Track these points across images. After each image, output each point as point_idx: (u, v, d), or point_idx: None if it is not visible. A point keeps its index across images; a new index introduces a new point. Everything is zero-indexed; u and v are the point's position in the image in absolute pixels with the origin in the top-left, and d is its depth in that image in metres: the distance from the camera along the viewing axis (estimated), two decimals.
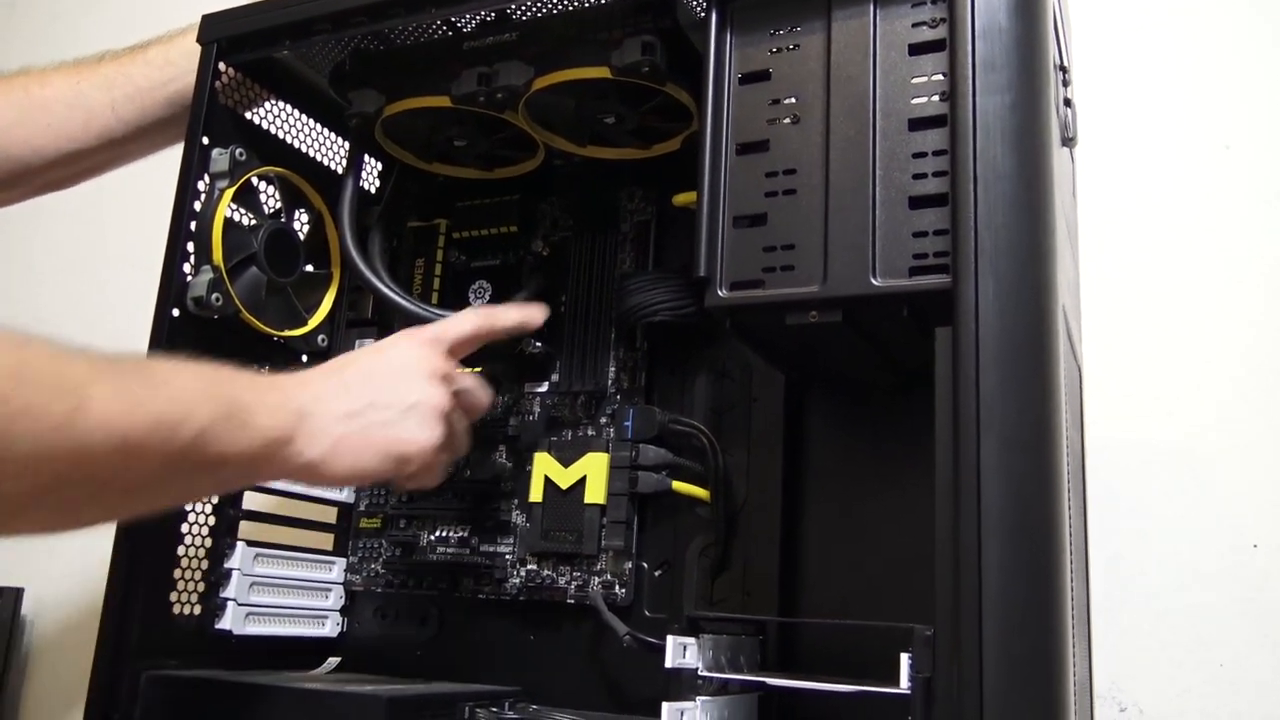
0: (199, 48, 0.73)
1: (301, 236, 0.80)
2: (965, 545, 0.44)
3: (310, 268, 0.80)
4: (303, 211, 0.81)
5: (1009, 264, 0.47)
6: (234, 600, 0.71)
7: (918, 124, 0.51)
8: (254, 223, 0.75)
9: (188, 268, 0.70)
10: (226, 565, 0.72)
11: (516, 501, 0.76)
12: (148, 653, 0.66)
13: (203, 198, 0.71)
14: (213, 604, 0.71)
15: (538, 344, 0.76)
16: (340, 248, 0.79)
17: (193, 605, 0.69)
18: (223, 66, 0.73)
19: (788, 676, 0.57)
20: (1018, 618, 0.43)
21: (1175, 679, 0.77)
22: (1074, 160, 0.70)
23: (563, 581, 0.73)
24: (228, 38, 0.73)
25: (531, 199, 0.82)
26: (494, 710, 0.64)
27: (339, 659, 0.80)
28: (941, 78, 0.51)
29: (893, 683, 0.47)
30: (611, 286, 0.77)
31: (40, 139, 0.77)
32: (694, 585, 0.69)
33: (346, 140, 0.83)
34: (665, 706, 0.53)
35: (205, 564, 0.71)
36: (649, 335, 0.75)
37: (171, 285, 0.69)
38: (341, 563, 0.81)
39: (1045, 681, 0.44)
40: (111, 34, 0.87)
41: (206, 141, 0.72)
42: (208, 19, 0.74)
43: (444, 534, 0.79)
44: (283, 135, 0.79)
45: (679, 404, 0.74)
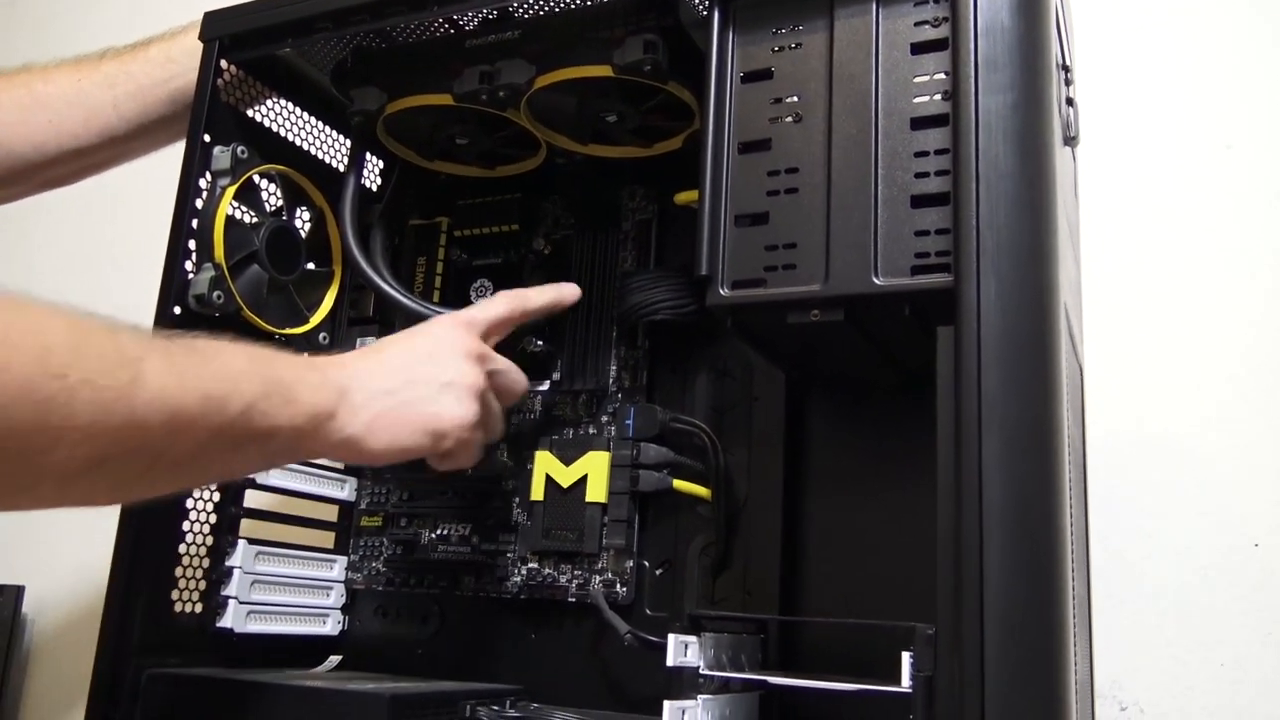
0: (201, 45, 0.73)
1: (303, 234, 0.80)
2: (967, 544, 0.44)
3: (312, 266, 0.80)
4: (304, 209, 0.81)
5: (1011, 263, 0.47)
6: (235, 598, 0.71)
7: (920, 123, 0.51)
8: (255, 220, 0.75)
9: (189, 265, 0.70)
10: (228, 563, 0.72)
11: (518, 500, 0.77)
12: (149, 650, 0.66)
13: (204, 195, 0.71)
14: (214, 602, 0.71)
15: (539, 342, 0.76)
16: (342, 246, 0.79)
17: (194, 603, 0.69)
18: (224, 64, 0.73)
19: (789, 675, 0.57)
20: (1019, 616, 0.43)
21: (1176, 678, 0.77)
22: (1076, 159, 0.70)
23: (564, 580, 0.73)
24: (230, 35, 0.73)
25: (533, 197, 0.82)
26: (495, 709, 0.64)
27: (340, 657, 0.80)
28: (944, 77, 0.51)
29: (894, 681, 0.47)
30: (613, 285, 0.77)
31: (42, 136, 0.77)
32: (695, 584, 0.69)
33: (348, 138, 0.83)
34: (667, 705, 0.53)
35: (206, 562, 0.71)
36: (650, 334, 0.75)
37: (173, 283, 0.69)
38: (343, 561, 0.81)
39: (1046, 680, 0.44)
40: (113, 31, 0.87)
41: (208, 139, 0.72)
42: (209, 16, 0.74)
43: (445, 532, 0.79)
44: (284, 133, 0.79)
45: (680, 402, 0.74)
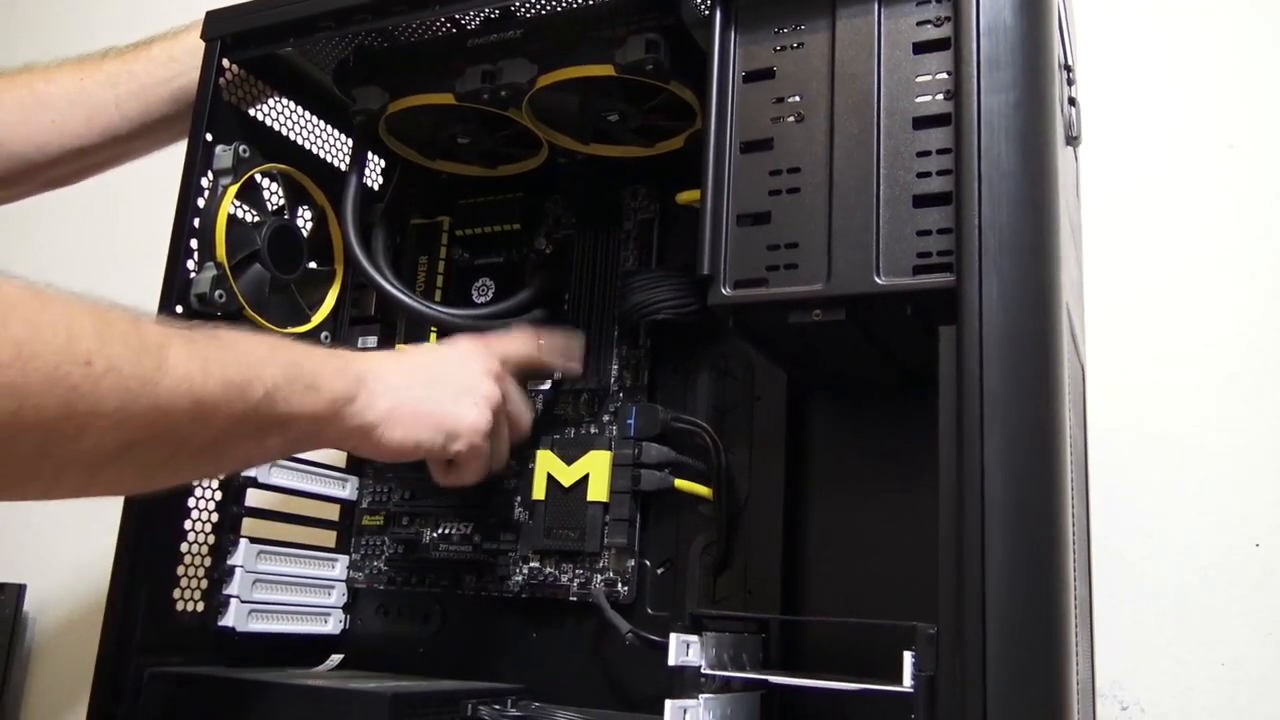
0: (203, 44, 0.73)
1: (305, 233, 0.80)
2: (968, 543, 0.44)
3: (313, 265, 0.80)
4: (306, 208, 0.81)
5: (1013, 262, 0.47)
6: (237, 597, 0.71)
7: (922, 122, 0.51)
8: (257, 219, 0.75)
9: (191, 264, 0.70)
10: (230, 562, 0.72)
11: (519, 499, 0.77)
12: (150, 649, 0.66)
13: (206, 194, 0.71)
14: (216, 601, 0.71)
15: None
16: (344, 245, 0.79)
17: (196, 602, 0.70)
18: (226, 63, 0.73)
19: (790, 674, 0.57)
20: (1020, 616, 0.43)
21: (1177, 677, 0.77)
22: (1078, 159, 0.70)
23: (565, 579, 0.73)
24: (232, 34, 0.73)
25: (535, 196, 0.82)
26: (497, 708, 0.64)
27: (341, 656, 0.80)
28: (946, 76, 0.51)
29: (895, 681, 0.47)
30: (614, 284, 0.77)
31: (44, 135, 0.77)
32: (696, 583, 0.69)
33: (350, 137, 0.83)
34: (668, 704, 0.53)
35: (208, 561, 0.71)
36: (652, 333, 0.75)
37: (175, 282, 0.69)
38: (344, 560, 0.81)
39: (1048, 680, 0.44)
40: (115, 31, 0.87)
41: (210, 138, 0.72)
42: (212, 16, 0.74)
43: (446, 531, 0.79)
44: (286, 132, 0.79)
45: (681, 402, 0.74)
